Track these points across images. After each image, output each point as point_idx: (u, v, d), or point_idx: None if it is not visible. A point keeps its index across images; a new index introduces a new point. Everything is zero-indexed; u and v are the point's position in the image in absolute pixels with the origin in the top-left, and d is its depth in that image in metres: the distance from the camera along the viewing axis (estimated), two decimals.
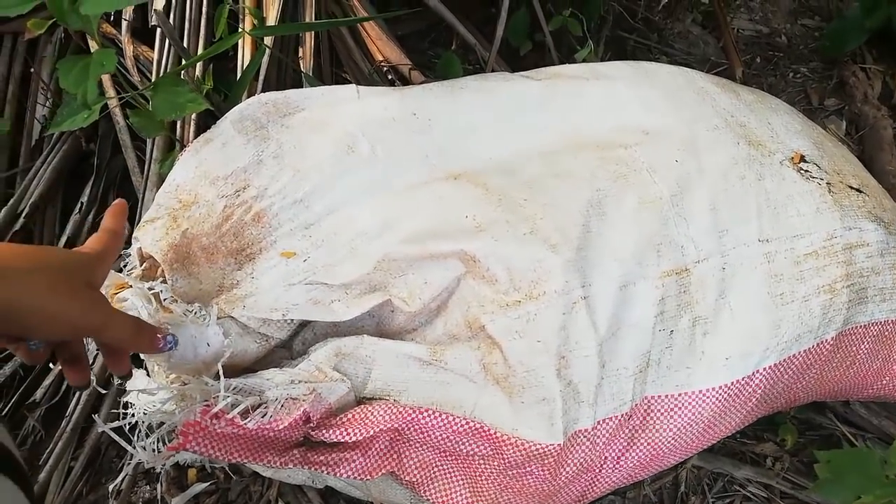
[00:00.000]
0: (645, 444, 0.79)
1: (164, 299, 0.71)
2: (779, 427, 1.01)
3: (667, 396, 0.79)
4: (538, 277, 0.74)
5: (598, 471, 0.78)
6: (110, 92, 1.12)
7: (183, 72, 1.09)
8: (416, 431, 0.73)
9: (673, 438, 0.80)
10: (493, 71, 1.19)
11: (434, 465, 0.76)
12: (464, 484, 0.76)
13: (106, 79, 1.12)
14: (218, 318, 0.71)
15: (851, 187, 0.90)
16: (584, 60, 1.29)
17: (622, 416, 0.76)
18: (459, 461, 0.76)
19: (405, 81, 1.21)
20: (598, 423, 0.75)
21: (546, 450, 0.72)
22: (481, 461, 0.75)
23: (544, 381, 0.72)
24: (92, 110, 0.85)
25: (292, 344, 0.81)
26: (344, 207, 0.80)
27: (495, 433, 0.72)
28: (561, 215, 0.78)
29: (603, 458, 0.78)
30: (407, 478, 0.76)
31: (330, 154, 0.82)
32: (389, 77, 1.21)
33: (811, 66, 1.56)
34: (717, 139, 0.87)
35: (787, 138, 0.92)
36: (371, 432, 0.71)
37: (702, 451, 0.99)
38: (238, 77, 1.01)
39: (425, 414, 0.73)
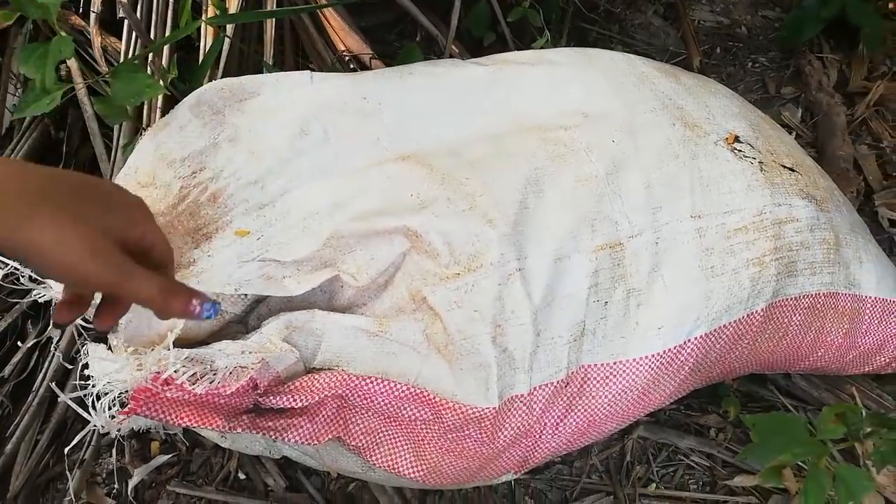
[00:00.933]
0: (583, 410, 0.83)
1: None
2: (722, 399, 1.05)
3: (603, 365, 0.83)
4: (476, 251, 0.78)
5: (538, 436, 0.82)
6: (78, 80, 1.15)
7: (149, 61, 1.12)
8: (361, 398, 0.77)
9: (609, 405, 0.84)
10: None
11: (379, 430, 0.80)
12: (408, 448, 0.80)
13: (74, 69, 1.15)
14: None
15: (784, 166, 0.94)
16: (541, 49, 1.32)
17: (558, 382, 0.80)
18: (403, 426, 0.80)
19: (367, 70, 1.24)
20: (534, 389, 0.79)
21: (482, 413, 0.76)
22: (423, 426, 0.79)
23: (480, 349, 0.76)
24: (53, 95, 0.88)
25: (248, 319, 0.85)
26: (297, 188, 0.84)
27: (435, 398, 0.76)
28: (500, 192, 0.82)
29: (542, 423, 0.82)
30: (353, 443, 0.80)
31: (284, 137, 0.86)
32: (351, 66, 1.25)
33: (770, 56, 1.60)
34: (654, 121, 0.91)
35: (724, 120, 0.96)
36: (317, 398, 0.75)
37: (647, 423, 1.03)
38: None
39: (370, 381, 0.77)
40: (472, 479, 0.85)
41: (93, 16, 1.21)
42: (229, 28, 1.09)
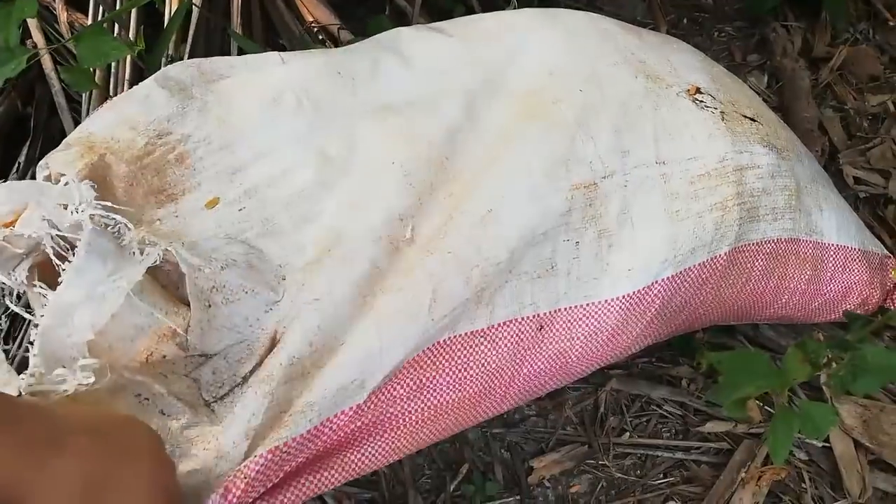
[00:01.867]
0: (555, 350, 0.84)
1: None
2: (695, 351, 1.06)
3: (577, 307, 0.84)
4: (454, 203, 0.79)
5: (509, 376, 0.82)
6: (43, 46, 1.14)
7: (115, 33, 1.12)
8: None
9: (581, 346, 0.85)
10: None
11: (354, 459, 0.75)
12: (388, 442, 0.76)
13: (40, 40, 1.14)
14: (143, 244, 0.72)
15: (745, 116, 0.96)
16: None
17: (524, 319, 0.81)
18: (380, 429, 0.76)
19: (335, 41, 1.25)
20: (499, 325, 0.80)
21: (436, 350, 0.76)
22: (402, 408, 0.76)
23: (453, 293, 0.76)
24: (18, 60, 0.88)
25: (200, 374, 0.71)
26: (272, 154, 0.84)
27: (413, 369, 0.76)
28: (471, 160, 0.83)
29: (515, 364, 0.81)
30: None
31: (256, 105, 0.86)
32: (320, 38, 1.26)
33: (735, 26, 1.63)
34: (617, 73, 0.93)
35: (685, 73, 0.97)
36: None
37: (620, 375, 1.05)
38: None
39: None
40: (452, 432, 0.84)
41: None
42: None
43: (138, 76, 1.11)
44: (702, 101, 0.94)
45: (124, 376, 0.67)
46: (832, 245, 0.99)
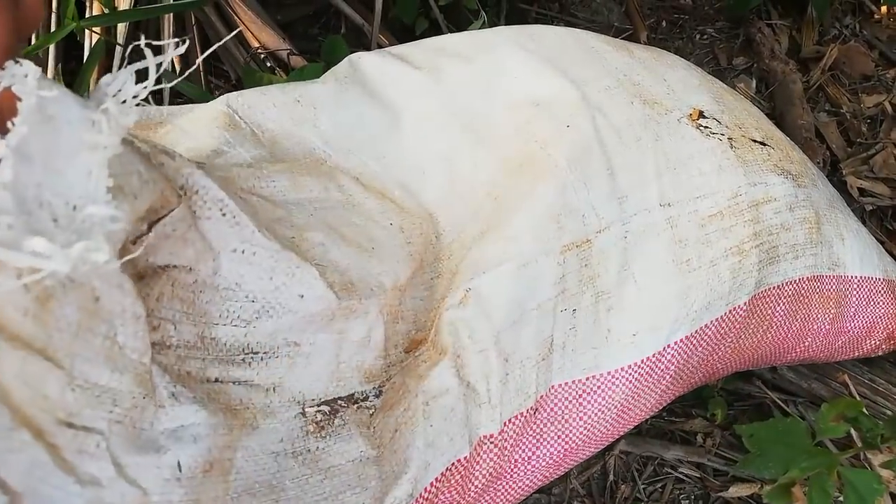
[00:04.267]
0: (556, 438, 0.72)
1: None
2: (707, 401, 0.95)
3: (574, 382, 0.72)
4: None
5: (509, 476, 0.71)
6: None
7: None
8: None
9: (585, 428, 0.73)
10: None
11: None
12: None
13: None
14: None
15: (755, 141, 0.85)
16: None
17: (528, 411, 0.69)
18: None
19: (285, 68, 1.11)
20: (505, 424, 0.67)
21: (454, 470, 0.64)
22: None
23: (448, 388, 0.64)
24: None
25: None
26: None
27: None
28: (453, 215, 0.71)
29: (513, 461, 0.70)
30: None
31: (208, 131, 0.72)
32: (269, 64, 1.12)
33: (717, 27, 1.52)
34: (610, 100, 0.81)
35: (685, 94, 0.86)
36: None
37: (629, 435, 0.93)
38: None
39: None
40: None
41: None
42: (120, 32, 0.95)
43: None
44: (707, 128, 0.82)
45: None
46: (856, 278, 0.89)
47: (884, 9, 1.55)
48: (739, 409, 0.97)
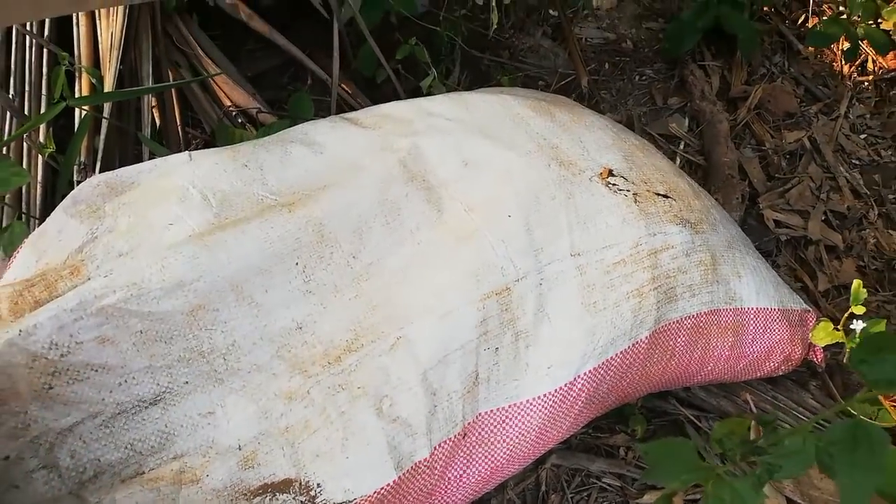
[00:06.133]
0: (484, 458, 0.85)
1: None
2: (629, 418, 1.08)
3: (498, 410, 0.85)
4: (356, 335, 0.80)
5: (443, 492, 0.83)
6: None
7: (26, 137, 1.09)
8: None
9: (509, 448, 0.86)
10: (338, 103, 1.25)
11: None
12: None
13: None
14: None
15: (658, 194, 0.98)
16: (429, 86, 1.35)
17: (456, 436, 0.82)
18: None
19: (255, 124, 1.24)
20: (435, 448, 0.80)
21: (382, 493, 0.76)
22: None
23: (365, 425, 0.76)
24: None
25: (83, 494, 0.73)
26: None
27: None
28: (383, 273, 0.84)
29: (446, 479, 0.83)
30: None
31: (160, 209, 0.84)
32: (240, 121, 1.24)
33: (655, 68, 1.66)
34: (530, 164, 0.94)
35: (598, 154, 0.99)
36: None
37: (560, 449, 1.06)
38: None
39: None
40: None
41: None
42: (106, 107, 1.07)
43: (53, 175, 1.10)
44: (615, 185, 0.96)
45: None
46: (752, 310, 1.02)
47: (810, 48, 1.70)
48: (658, 424, 1.10)
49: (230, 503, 0.72)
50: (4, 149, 1.09)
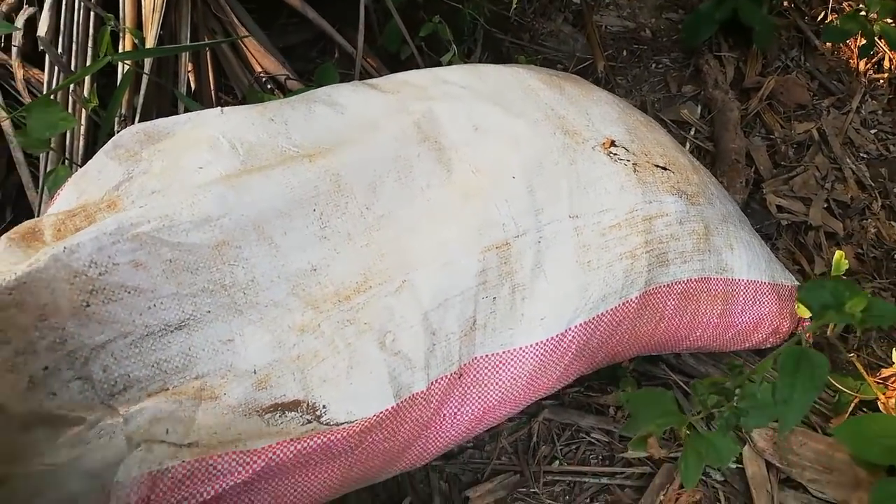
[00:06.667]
0: (477, 398, 0.92)
1: None
2: (620, 380, 1.14)
3: (493, 355, 0.92)
4: (365, 277, 0.87)
5: (438, 427, 0.90)
6: (1, 113, 1.20)
7: (71, 91, 1.18)
8: (265, 471, 0.78)
9: (501, 392, 0.92)
10: (361, 76, 1.32)
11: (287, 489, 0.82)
12: (315, 482, 0.83)
13: None
14: None
15: (657, 166, 1.04)
16: (449, 62, 1.41)
17: (452, 374, 0.89)
18: (310, 469, 0.82)
19: (283, 90, 1.32)
20: (432, 383, 0.87)
21: (381, 416, 0.83)
22: (331, 460, 0.83)
23: (368, 356, 0.83)
24: None
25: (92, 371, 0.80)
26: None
27: (335, 434, 0.80)
28: (394, 224, 0.91)
29: (441, 414, 0.90)
30: None
31: (192, 155, 0.92)
32: (269, 87, 1.32)
33: (672, 57, 1.71)
34: (536, 132, 1.00)
35: (602, 126, 1.05)
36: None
37: (552, 405, 1.13)
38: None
39: (267, 450, 0.78)
40: (381, 476, 0.92)
41: (14, 49, 1.26)
42: (147, 62, 1.15)
43: (95, 129, 1.18)
44: (615, 154, 1.02)
45: None
46: (742, 281, 1.08)
47: (827, 44, 1.73)
48: (647, 386, 1.16)
49: (244, 416, 0.80)
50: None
